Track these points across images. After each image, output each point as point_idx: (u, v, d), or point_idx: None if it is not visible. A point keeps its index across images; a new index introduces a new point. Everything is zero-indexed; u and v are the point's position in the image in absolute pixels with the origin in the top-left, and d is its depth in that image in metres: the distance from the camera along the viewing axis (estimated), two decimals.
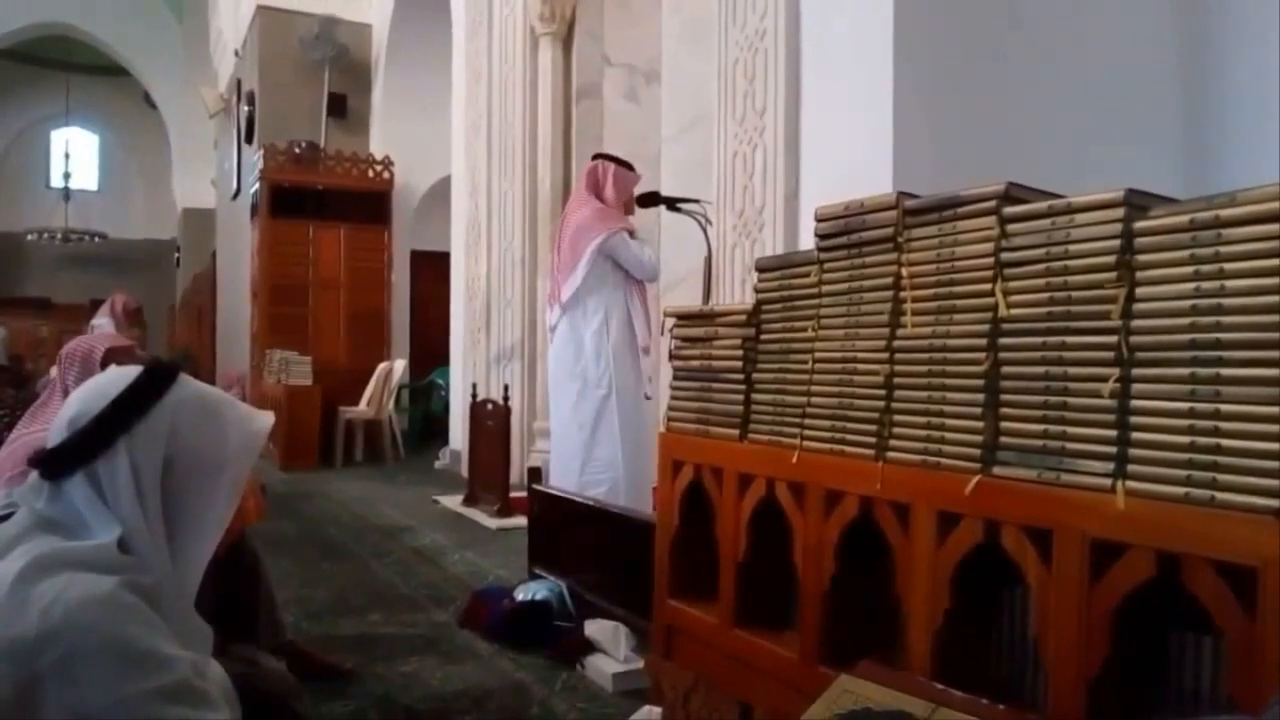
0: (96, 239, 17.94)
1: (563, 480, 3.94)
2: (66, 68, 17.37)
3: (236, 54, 11.04)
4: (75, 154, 18.40)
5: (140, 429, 1.04)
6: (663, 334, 3.34)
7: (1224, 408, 1.02)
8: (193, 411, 1.09)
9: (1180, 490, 1.04)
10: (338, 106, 9.42)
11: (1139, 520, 1.07)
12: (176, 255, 17.27)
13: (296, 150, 8.79)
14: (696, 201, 3.80)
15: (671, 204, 3.88)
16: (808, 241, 1.65)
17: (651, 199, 3.97)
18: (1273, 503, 0.96)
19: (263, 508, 2.24)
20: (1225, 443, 1.01)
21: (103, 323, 5.55)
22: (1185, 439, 1.05)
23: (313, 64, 9.29)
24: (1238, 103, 3.30)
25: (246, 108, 10.12)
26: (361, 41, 9.53)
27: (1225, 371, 1.02)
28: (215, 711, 0.97)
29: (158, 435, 1.05)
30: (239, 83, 10.91)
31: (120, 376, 1.09)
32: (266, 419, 1.18)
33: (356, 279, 8.87)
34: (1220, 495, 1.01)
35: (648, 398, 4.01)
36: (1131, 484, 1.09)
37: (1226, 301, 1.03)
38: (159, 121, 16.85)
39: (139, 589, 0.98)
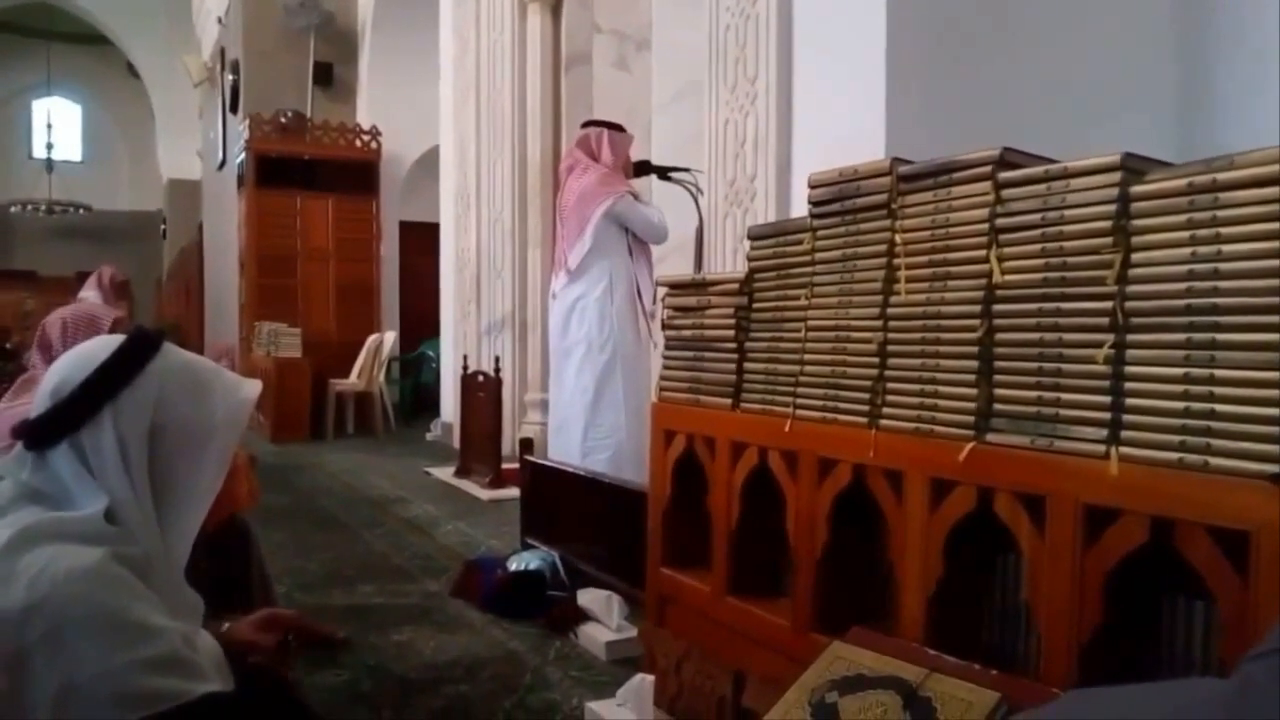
0: (81, 211, 17.74)
1: (564, 448, 3.92)
2: (48, 37, 17.07)
3: (220, 21, 10.88)
4: (58, 125, 18.14)
5: (125, 398, 1.03)
6: (654, 303, 3.32)
7: (1219, 373, 1.01)
8: (179, 380, 1.08)
9: (1174, 456, 1.04)
10: (323, 75, 9.30)
11: (1133, 486, 1.07)
12: (163, 227, 17.12)
13: (282, 120, 8.69)
14: (688, 170, 3.77)
15: (663, 173, 3.86)
16: (800, 210, 1.64)
17: (643, 168, 3.94)
18: (1267, 467, 0.96)
19: (256, 492, 2.23)
20: (1220, 408, 1.01)
21: (90, 295, 5.50)
22: (1180, 404, 1.04)
23: (298, 32, 9.15)
24: (1232, 66, 3.28)
25: (231, 76, 9.99)
26: (347, 9, 9.40)
27: (1221, 337, 1.01)
28: (206, 682, 0.97)
29: (143, 404, 1.04)
30: (223, 51, 10.77)
31: (104, 345, 1.07)
32: (254, 387, 1.17)
33: (345, 250, 8.81)
34: (1214, 460, 1.00)
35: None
36: (1125, 450, 1.08)
37: (1223, 266, 1.02)
38: (142, 91, 16.62)
39: (127, 560, 0.97)
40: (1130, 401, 1.09)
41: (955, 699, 1.12)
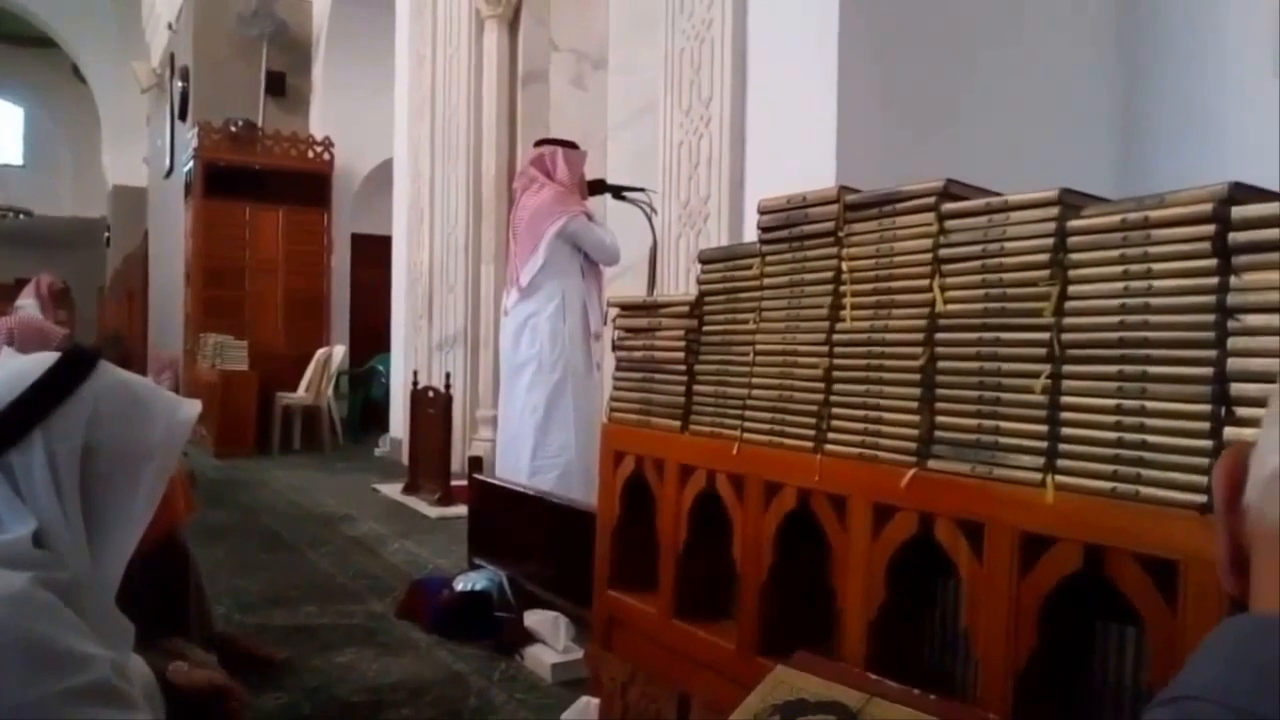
0: (21, 216, 17.26)
1: (511, 466, 3.90)
2: None
3: (170, 27, 10.70)
4: None
5: (57, 418, 1.00)
6: (606, 323, 3.33)
7: (1150, 405, 1.04)
8: (114, 400, 1.05)
9: (1107, 485, 1.06)
10: (276, 85, 9.19)
11: (1067, 514, 1.09)
12: (106, 235, 16.73)
13: (233, 129, 8.56)
14: (642, 190, 3.79)
15: (618, 192, 3.87)
16: (752, 232, 1.65)
17: (597, 187, 3.95)
18: (1195, 498, 0.98)
19: (192, 504, 2.19)
20: (1151, 439, 1.03)
21: (27, 304, 5.35)
22: (1112, 435, 1.07)
23: (250, 40, 9.04)
24: (1162, 108, 3.40)
25: (181, 84, 9.83)
26: (301, 18, 9.30)
27: (1152, 369, 1.04)
28: (136, 712, 0.94)
29: (76, 424, 1.01)
30: (173, 57, 10.59)
31: (35, 363, 1.04)
32: (193, 407, 1.14)
33: (295, 262, 8.69)
34: (1145, 490, 1.03)
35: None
36: (1060, 478, 1.11)
37: (1154, 301, 1.05)
38: (88, 95, 16.26)
39: (54, 585, 0.94)
40: (1066, 431, 1.11)
41: None
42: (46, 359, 1.05)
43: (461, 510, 4.11)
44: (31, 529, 0.97)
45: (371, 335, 8.58)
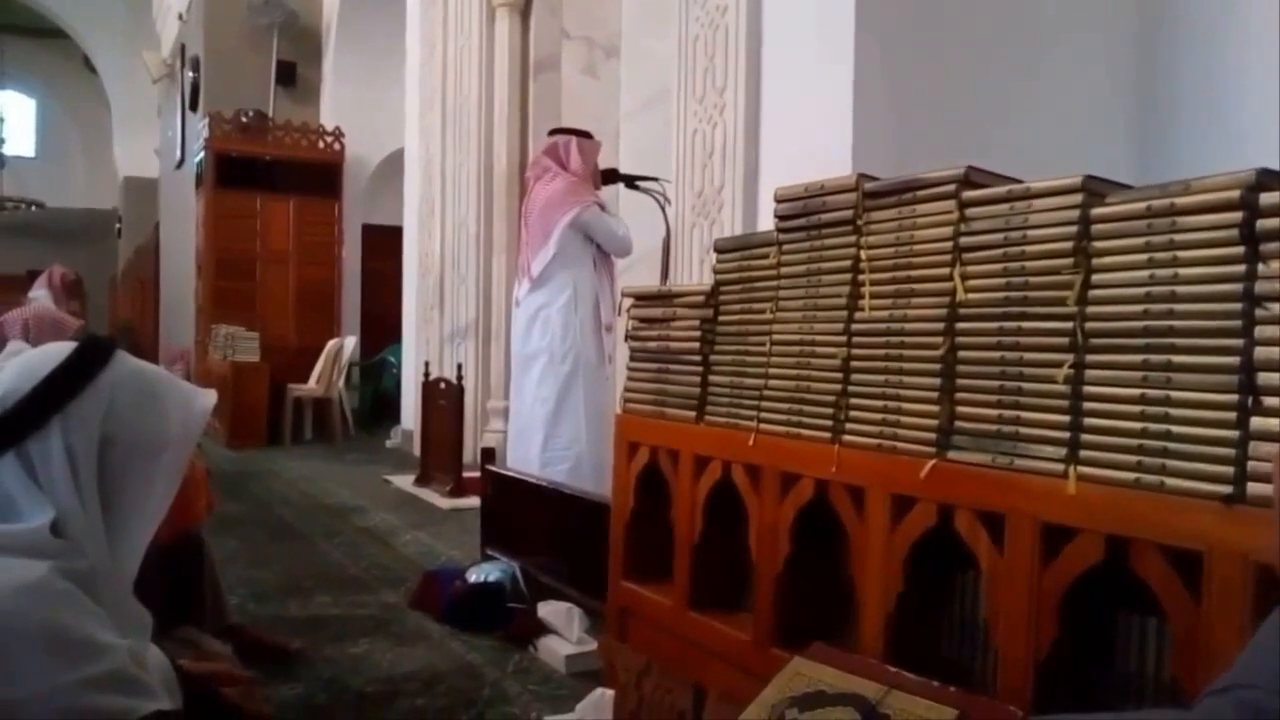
0: (33, 207, 17.32)
1: (522, 458, 3.89)
2: (1, 29, 16.70)
3: (181, 18, 10.71)
4: (10, 119, 17.73)
5: (74, 408, 1.00)
6: (618, 314, 3.33)
7: (1175, 394, 1.03)
8: (130, 390, 1.05)
9: (1130, 476, 1.05)
10: (286, 75, 9.18)
11: (1090, 505, 1.08)
12: (118, 226, 16.79)
13: (243, 119, 8.56)
14: (656, 180, 3.77)
15: (631, 182, 3.85)
16: (767, 222, 1.64)
17: (611, 176, 3.93)
18: (1220, 489, 0.97)
19: (213, 503, 2.19)
20: (1175, 429, 1.02)
21: (40, 295, 5.37)
22: (1136, 425, 1.06)
23: (260, 30, 9.03)
24: (1184, 94, 3.37)
25: (191, 74, 9.84)
26: (311, 8, 9.29)
27: (1177, 359, 1.03)
28: (153, 700, 0.94)
29: (93, 415, 1.01)
30: (183, 47, 10.60)
31: (53, 354, 1.04)
32: (209, 398, 1.14)
33: (306, 253, 8.69)
34: (1169, 481, 1.02)
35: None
36: (1083, 469, 1.10)
37: (1179, 289, 1.03)
38: (99, 87, 16.29)
39: (73, 575, 0.94)
40: (1088, 421, 1.10)
41: (914, 716, 1.13)
42: (64, 349, 1.05)
43: (473, 501, 4.12)
44: (50, 518, 0.97)
45: (383, 326, 8.58)
